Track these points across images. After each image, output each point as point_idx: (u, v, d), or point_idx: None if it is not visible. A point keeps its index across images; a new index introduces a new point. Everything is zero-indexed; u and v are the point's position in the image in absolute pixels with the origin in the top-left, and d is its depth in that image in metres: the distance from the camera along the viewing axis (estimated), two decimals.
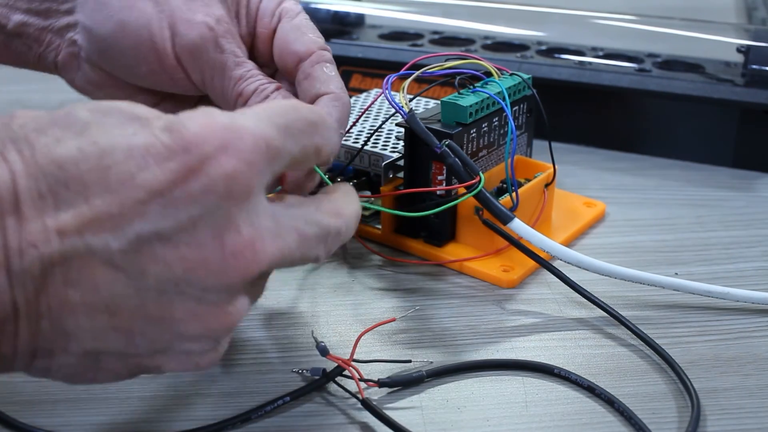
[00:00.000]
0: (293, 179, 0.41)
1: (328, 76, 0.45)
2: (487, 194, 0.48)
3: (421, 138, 0.49)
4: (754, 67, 0.66)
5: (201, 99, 0.48)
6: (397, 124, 0.55)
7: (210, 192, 0.31)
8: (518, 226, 0.48)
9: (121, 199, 0.30)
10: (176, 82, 0.45)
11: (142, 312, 0.31)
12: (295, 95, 0.47)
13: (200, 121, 0.32)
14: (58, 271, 0.30)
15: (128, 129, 0.31)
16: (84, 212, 0.30)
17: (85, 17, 0.46)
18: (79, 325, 0.31)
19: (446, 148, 0.48)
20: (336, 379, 0.41)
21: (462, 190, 0.48)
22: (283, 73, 0.47)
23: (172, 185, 0.31)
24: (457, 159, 0.48)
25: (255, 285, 0.35)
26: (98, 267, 0.30)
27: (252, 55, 0.48)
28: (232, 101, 0.45)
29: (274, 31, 0.47)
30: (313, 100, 0.45)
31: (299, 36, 0.46)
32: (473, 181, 0.47)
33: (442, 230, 0.53)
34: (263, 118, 0.34)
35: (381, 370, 0.43)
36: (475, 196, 0.47)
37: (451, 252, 0.53)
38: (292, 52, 0.46)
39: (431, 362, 0.44)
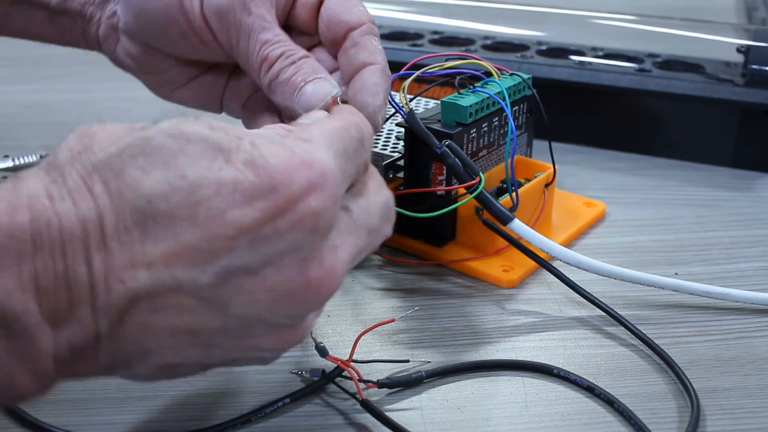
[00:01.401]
0: None
1: (377, 48, 0.45)
2: (487, 195, 0.48)
3: (421, 138, 0.49)
4: (754, 67, 0.66)
5: (235, 69, 0.48)
6: (397, 124, 0.55)
7: (298, 229, 0.32)
8: (518, 226, 0.48)
9: (210, 235, 0.30)
10: (206, 45, 0.46)
11: (222, 332, 0.32)
12: (333, 69, 0.46)
13: (281, 156, 0.32)
14: (144, 302, 0.30)
15: (215, 162, 0.31)
16: (172, 246, 0.30)
17: None
18: (160, 344, 0.32)
19: (446, 149, 0.48)
20: (336, 379, 0.41)
21: (462, 191, 0.48)
22: (328, 43, 0.47)
23: (261, 223, 0.31)
24: (457, 159, 0.48)
25: None
26: (184, 297, 0.31)
27: (289, 24, 0.48)
28: (257, 66, 0.45)
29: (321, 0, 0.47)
30: (358, 69, 0.45)
31: (350, 7, 0.46)
32: (473, 181, 0.47)
33: (443, 230, 0.53)
34: (329, 146, 0.35)
35: (381, 370, 0.43)
36: (476, 197, 0.47)
37: (451, 252, 0.53)
38: (342, 21, 0.46)
39: (431, 362, 0.44)
